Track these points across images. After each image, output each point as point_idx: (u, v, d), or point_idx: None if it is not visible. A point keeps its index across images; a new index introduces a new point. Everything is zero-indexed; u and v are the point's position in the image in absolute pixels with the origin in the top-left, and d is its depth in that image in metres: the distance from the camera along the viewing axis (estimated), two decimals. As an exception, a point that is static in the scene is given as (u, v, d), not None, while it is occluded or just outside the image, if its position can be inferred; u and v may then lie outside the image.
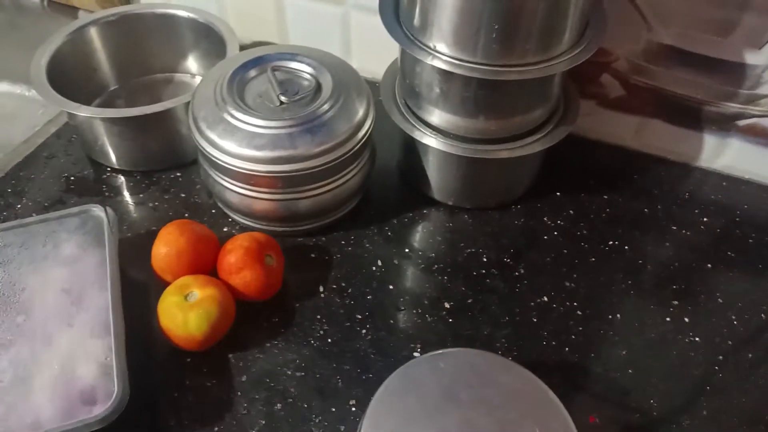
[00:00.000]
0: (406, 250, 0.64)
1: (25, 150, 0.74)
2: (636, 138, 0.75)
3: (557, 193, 0.70)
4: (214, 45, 0.77)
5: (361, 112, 0.60)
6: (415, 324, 0.58)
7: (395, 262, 0.63)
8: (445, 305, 0.59)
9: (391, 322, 0.58)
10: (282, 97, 0.58)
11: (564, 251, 0.64)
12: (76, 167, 0.71)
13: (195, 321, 0.50)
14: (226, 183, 0.59)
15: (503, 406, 0.43)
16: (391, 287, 0.60)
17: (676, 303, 0.60)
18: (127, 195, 0.69)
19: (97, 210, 0.58)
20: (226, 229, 0.65)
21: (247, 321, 0.56)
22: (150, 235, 0.62)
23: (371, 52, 0.79)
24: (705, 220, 0.68)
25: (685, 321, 0.59)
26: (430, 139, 0.62)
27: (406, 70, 0.62)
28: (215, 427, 0.50)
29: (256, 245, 0.55)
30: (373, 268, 0.62)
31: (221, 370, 0.54)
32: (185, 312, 0.51)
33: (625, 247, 0.65)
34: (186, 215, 0.66)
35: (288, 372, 0.54)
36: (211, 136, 0.57)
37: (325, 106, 0.58)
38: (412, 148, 0.65)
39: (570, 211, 0.68)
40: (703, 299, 0.61)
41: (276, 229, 0.63)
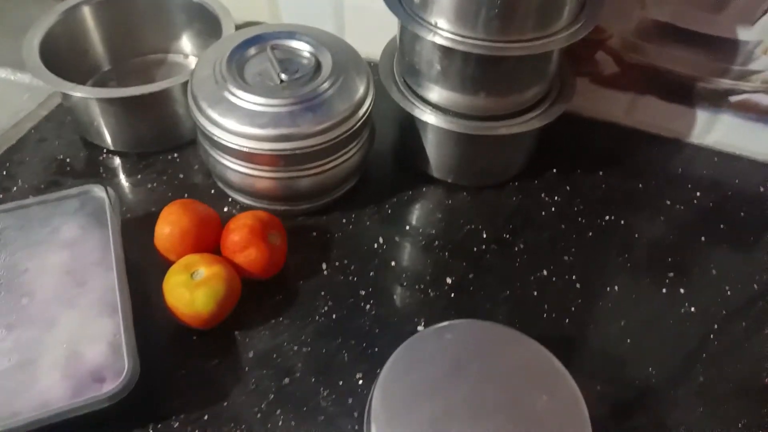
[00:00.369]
0: (407, 228, 0.65)
1: (16, 134, 0.73)
2: (628, 115, 0.76)
3: (553, 170, 0.71)
4: (206, 25, 0.76)
5: (361, 91, 0.60)
6: (417, 299, 0.58)
7: (396, 239, 0.63)
8: (447, 281, 0.60)
9: (394, 298, 0.58)
10: (282, 75, 0.58)
11: (561, 227, 0.65)
12: (70, 150, 0.71)
13: (202, 299, 0.51)
14: (227, 162, 0.59)
15: (511, 376, 0.43)
16: (393, 264, 0.61)
17: (671, 275, 0.61)
18: (124, 176, 0.68)
19: (98, 190, 0.58)
20: (226, 209, 0.65)
21: (251, 299, 0.56)
22: (149, 216, 0.62)
23: (365, 32, 0.79)
24: (698, 194, 0.69)
25: (681, 292, 0.60)
26: (429, 117, 0.62)
27: (405, 48, 0.62)
28: (224, 402, 0.50)
29: (259, 224, 0.55)
30: (374, 246, 0.62)
31: (227, 347, 0.54)
32: (192, 290, 0.51)
33: (621, 222, 0.66)
34: (185, 196, 0.66)
35: (294, 348, 0.54)
36: (212, 114, 0.56)
37: (325, 85, 0.58)
38: (410, 126, 0.66)
39: (566, 188, 0.69)
40: (698, 271, 0.62)
41: (277, 208, 0.63)
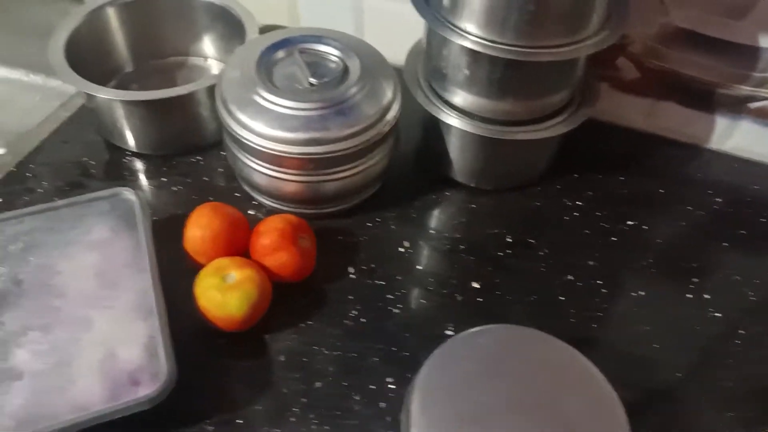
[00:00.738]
0: (431, 231, 0.65)
1: (39, 135, 0.73)
2: (648, 120, 0.77)
3: (575, 175, 0.71)
4: (229, 28, 0.76)
5: (389, 95, 0.60)
6: (445, 303, 0.59)
7: (421, 243, 0.64)
8: (473, 285, 0.60)
9: (422, 302, 0.59)
10: (311, 79, 0.58)
11: (585, 231, 0.66)
12: (93, 152, 0.71)
13: (235, 302, 0.51)
14: (256, 165, 0.59)
15: (548, 380, 0.43)
16: (419, 267, 0.61)
17: (696, 280, 0.62)
18: (147, 179, 0.68)
19: (127, 193, 0.58)
20: (251, 212, 0.65)
21: (278, 302, 0.56)
22: (175, 219, 0.62)
23: (385, 36, 0.79)
24: (718, 200, 0.70)
25: (705, 298, 0.60)
26: (455, 120, 0.62)
27: (432, 51, 0.63)
28: (257, 406, 0.50)
29: (289, 227, 0.56)
30: (400, 250, 0.63)
31: (258, 350, 0.54)
32: (224, 293, 0.51)
33: (644, 226, 0.66)
34: (210, 199, 0.66)
35: (324, 351, 0.54)
36: (242, 117, 0.57)
37: (354, 89, 0.58)
38: (434, 130, 0.66)
39: (588, 192, 0.69)
40: (721, 277, 0.62)
41: (303, 211, 0.63)
